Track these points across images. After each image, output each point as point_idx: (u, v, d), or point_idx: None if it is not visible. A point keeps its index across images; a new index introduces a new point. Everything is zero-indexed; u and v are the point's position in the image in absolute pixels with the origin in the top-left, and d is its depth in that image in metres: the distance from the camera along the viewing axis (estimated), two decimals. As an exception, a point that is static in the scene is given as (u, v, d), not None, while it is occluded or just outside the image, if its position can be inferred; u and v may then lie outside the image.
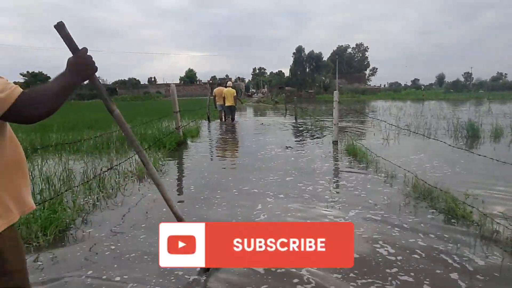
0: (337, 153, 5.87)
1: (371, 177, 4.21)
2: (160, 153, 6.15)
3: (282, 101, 32.38)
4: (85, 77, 1.24)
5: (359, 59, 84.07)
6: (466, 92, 51.23)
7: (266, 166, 5.03)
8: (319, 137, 7.94)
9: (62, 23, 1.25)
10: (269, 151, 6.19)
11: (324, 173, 4.52)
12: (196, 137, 8.59)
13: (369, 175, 4.31)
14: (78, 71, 1.17)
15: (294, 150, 6.29)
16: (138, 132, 8.29)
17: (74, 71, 1.16)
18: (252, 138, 8.11)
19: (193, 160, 5.80)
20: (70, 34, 1.27)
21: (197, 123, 12.27)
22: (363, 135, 7.72)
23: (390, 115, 14.14)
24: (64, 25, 1.26)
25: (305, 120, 12.76)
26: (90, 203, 3.50)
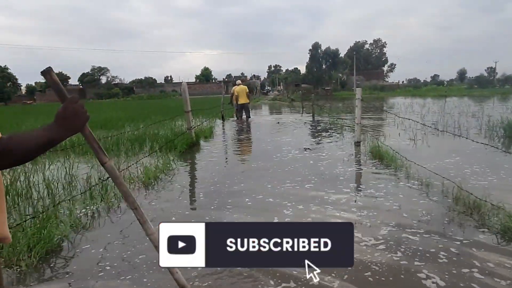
0: (360, 155, 5.38)
1: (402, 185, 3.71)
2: (171, 155, 5.83)
3: (298, 98, 31.83)
4: (75, 130, 1.06)
5: (377, 55, 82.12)
6: (491, 88, 49.09)
7: (282, 170, 4.60)
8: (339, 137, 7.44)
9: (50, 69, 1.09)
10: (285, 153, 5.76)
11: (347, 179, 4.06)
12: (209, 138, 8.25)
13: (400, 182, 3.81)
14: (67, 126, 1.00)
15: (312, 152, 5.83)
16: (150, 133, 8.02)
17: (62, 126, 0.99)
18: (267, 139, 7.69)
19: (205, 163, 5.43)
20: (58, 80, 1.10)
21: (211, 122, 11.96)
22: (387, 135, 7.16)
23: (413, 112, 13.41)
24: (52, 70, 1.10)
25: (323, 118, 12.22)
26: (89, 215, 3.17)
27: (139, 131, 8.41)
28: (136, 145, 6.84)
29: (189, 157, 5.88)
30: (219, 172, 4.72)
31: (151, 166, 4.87)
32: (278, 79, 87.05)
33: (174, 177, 4.49)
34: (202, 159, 5.81)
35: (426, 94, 39.21)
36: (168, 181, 4.26)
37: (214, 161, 5.49)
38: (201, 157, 5.95)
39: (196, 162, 5.50)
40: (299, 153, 5.78)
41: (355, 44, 79.16)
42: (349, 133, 7.94)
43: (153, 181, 4.22)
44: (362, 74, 71.09)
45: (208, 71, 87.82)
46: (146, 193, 3.84)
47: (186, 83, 8.01)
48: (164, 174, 4.61)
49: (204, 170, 4.95)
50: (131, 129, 9.24)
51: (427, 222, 2.73)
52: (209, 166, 5.21)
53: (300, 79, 68.58)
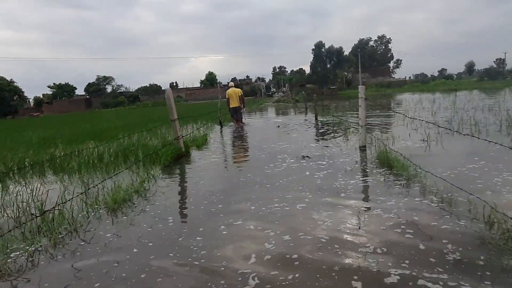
0: (366, 163, 4.66)
1: (418, 203, 2.99)
2: (153, 169, 5.21)
3: (302, 99, 31.17)
4: None
5: (382, 52, 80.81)
6: (502, 79, 47.61)
7: (272, 185, 3.92)
8: (343, 141, 6.72)
9: None
10: (280, 163, 5.08)
11: (349, 195, 3.35)
12: (202, 147, 7.61)
13: (415, 199, 3.09)
14: None
15: (311, 160, 5.13)
16: (140, 143, 7.44)
17: None
18: (263, 145, 7.02)
19: (187, 179, 4.79)
20: None
21: (208, 129, 11.34)
22: (396, 136, 6.42)
23: (423, 109, 12.59)
24: None
25: (326, 119, 11.50)
26: (22, 258, 2.53)
27: (128, 140, 7.84)
28: (121, 157, 6.25)
29: (173, 171, 5.23)
30: (198, 190, 4.06)
31: (124, 185, 4.24)
32: (283, 80, 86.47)
33: (147, 199, 3.83)
34: (186, 173, 5.16)
35: (434, 88, 38.13)
36: (137, 206, 3.61)
37: (198, 176, 4.83)
38: (185, 171, 5.30)
39: (177, 178, 4.84)
40: (295, 162, 5.09)
41: (359, 41, 78.03)
42: (354, 136, 7.22)
43: (121, 206, 3.58)
44: (368, 71, 69.96)
45: (213, 75, 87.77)
46: (110, 223, 3.19)
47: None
48: (137, 195, 3.97)
49: (183, 187, 4.30)
50: (124, 139, 8.68)
51: (455, 264, 2.01)
52: (191, 182, 4.56)
53: (305, 80, 67.78)
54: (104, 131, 12.39)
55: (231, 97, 11.52)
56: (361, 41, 78.26)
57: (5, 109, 60.29)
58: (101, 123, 17.79)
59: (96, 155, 6.51)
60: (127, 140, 8.30)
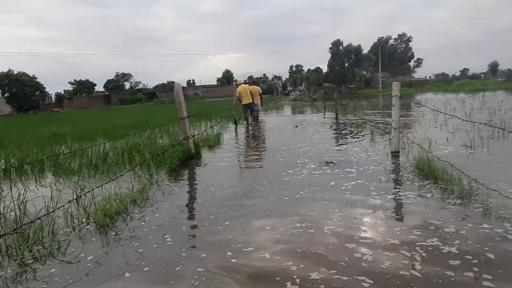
0: (402, 172, 3.95)
1: (488, 231, 2.29)
2: (156, 173, 4.66)
3: (320, 98, 30.31)
4: None
5: (402, 50, 78.41)
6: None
7: (291, 198, 3.28)
8: (370, 144, 6.01)
9: None
10: (299, 169, 4.42)
11: (390, 217, 2.67)
12: (214, 147, 7.03)
13: (483, 226, 2.38)
14: None
15: (336, 166, 4.45)
16: (149, 142, 6.95)
17: None
18: (282, 147, 6.37)
19: (193, 186, 4.19)
20: None
21: (223, 127, 10.79)
22: (432, 140, 5.65)
23: (453, 110, 11.64)
24: None
25: (348, 120, 10.73)
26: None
27: (137, 138, 7.36)
28: (127, 157, 5.76)
29: (179, 176, 4.66)
30: (203, 203, 3.46)
31: (123, 191, 3.70)
32: (299, 79, 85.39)
33: (144, 212, 3.26)
34: (193, 179, 4.58)
35: (459, 88, 36.45)
36: (131, 220, 3.04)
37: (206, 183, 4.24)
38: (192, 177, 4.72)
39: (182, 185, 4.24)
40: (318, 168, 4.43)
41: (379, 40, 75.91)
42: (381, 138, 6.48)
43: (113, 219, 3.02)
44: (388, 70, 67.96)
45: (230, 73, 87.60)
46: (88, 247, 2.63)
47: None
48: (135, 204, 3.41)
49: (186, 199, 3.70)
50: (134, 137, 8.23)
51: None
52: (196, 191, 3.97)
53: (322, 78, 66.46)
54: (116, 128, 12.04)
55: (241, 94, 11.22)
56: (381, 39, 76.16)
57: (27, 104, 61.71)
58: (116, 119, 17.56)
59: (101, 154, 6.05)
60: (136, 138, 7.85)
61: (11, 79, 60.26)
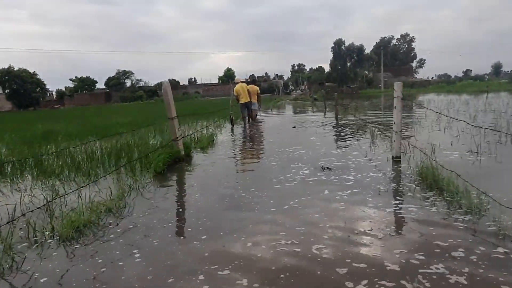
0: (404, 181, 3.63)
1: (503, 256, 1.96)
2: (140, 177, 4.36)
3: (321, 98, 29.99)
4: None
5: (405, 51, 77.94)
6: (536, 82, 44.62)
7: (278, 209, 2.97)
8: (370, 148, 5.69)
9: None
10: (293, 175, 4.10)
11: (388, 241, 2.35)
12: (207, 148, 6.72)
13: (495, 249, 2.06)
14: None
15: (332, 172, 4.13)
16: (140, 142, 6.66)
17: None
18: (276, 149, 6.06)
19: (175, 194, 3.87)
20: None
21: (218, 127, 10.48)
22: (435, 144, 5.32)
23: (457, 112, 11.29)
24: None
25: (348, 121, 10.40)
26: None
27: (130, 137, 7.06)
28: (113, 158, 5.46)
29: (164, 181, 4.35)
30: (183, 213, 3.15)
31: (99, 197, 3.40)
32: (301, 78, 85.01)
33: (118, 224, 2.95)
34: (179, 184, 4.27)
35: (462, 90, 36.01)
36: (102, 235, 2.73)
37: (191, 190, 3.93)
38: (178, 182, 4.42)
39: (165, 192, 3.90)
40: (312, 174, 4.11)
41: (381, 40, 75.43)
42: (383, 142, 6.16)
43: (81, 232, 2.72)
44: (390, 70, 67.52)
45: (231, 72, 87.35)
46: (45, 265, 2.33)
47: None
48: (109, 214, 3.11)
49: (165, 209, 3.38)
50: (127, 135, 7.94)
51: None
52: (178, 200, 3.66)
53: (324, 78, 66.02)
54: (111, 126, 11.76)
55: (239, 93, 11.06)
56: (383, 39, 75.71)
57: (27, 100, 61.54)
58: (113, 117, 17.26)
59: (88, 154, 5.75)
60: (128, 137, 7.56)
61: (11, 76, 60.04)
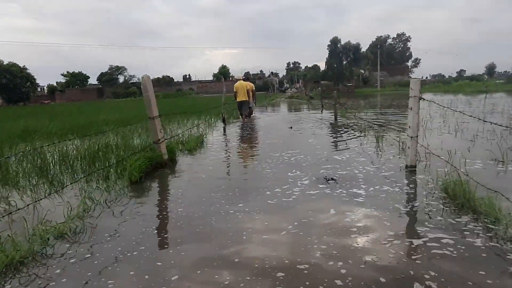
0: (426, 198, 3.01)
1: None
2: (111, 187, 3.70)
3: (317, 96, 29.40)
4: None
5: (401, 50, 77.71)
6: (532, 82, 44.51)
7: (272, 241, 2.33)
8: (377, 153, 5.07)
9: None
10: (290, 188, 3.45)
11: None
12: (195, 151, 6.06)
13: None
14: None
15: (338, 185, 3.50)
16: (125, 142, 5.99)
17: None
18: (271, 153, 5.41)
19: (148, 211, 3.18)
20: None
21: (210, 126, 9.81)
22: (450, 151, 4.72)
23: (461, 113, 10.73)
24: None
25: (348, 121, 9.79)
26: None
27: (112, 136, 6.36)
28: (86, 162, 4.80)
29: (138, 193, 3.68)
30: (155, 234, 2.49)
31: (55, 215, 2.74)
32: (297, 76, 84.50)
33: (70, 252, 2.29)
34: (156, 196, 3.60)
35: (459, 89, 35.69)
36: (46, 269, 2.07)
37: (169, 203, 3.27)
38: (156, 192, 3.74)
39: (140, 205, 3.24)
40: (314, 186, 3.47)
41: (377, 39, 75.06)
42: (389, 146, 5.55)
43: (21, 263, 2.05)
44: (386, 69, 67.23)
45: (226, 69, 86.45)
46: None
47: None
48: (60, 241, 2.44)
49: (136, 227, 2.72)
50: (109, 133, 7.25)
51: None
52: (155, 215, 2.99)
53: (320, 76, 65.47)
54: (96, 123, 11.03)
55: (238, 90, 10.93)
56: (379, 38, 75.38)
57: (16, 95, 60.06)
58: (101, 114, 16.47)
59: (59, 156, 5.08)
60: (110, 136, 6.89)
61: (0, 70, 58.49)
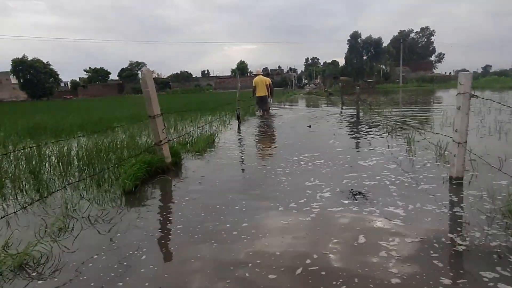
0: (487, 225, 2.34)
1: None
2: (105, 195, 3.22)
3: (336, 92, 28.44)
4: None
5: (423, 45, 74.67)
6: None
7: (283, 284, 1.75)
8: (409, 159, 4.39)
9: None
10: (308, 202, 2.84)
11: None
12: (203, 153, 5.53)
13: None
14: None
15: (367, 201, 2.88)
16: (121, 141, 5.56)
17: None
18: (288, 156, 4.82)
19: (137, 235, 2.67)
20: None
21: (223, 124, 9.28)
22: (500, 156, 3.98)
23: (504, 111, 9.77)
24: None
25: (372, 119, 9.03)
26: None
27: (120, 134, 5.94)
28: (85, 163, 4.37)
29: (132, 206, 3.17)
30: (141, 265, 1.97)
31: (28, 234, 2.27)
32: (315, 72, 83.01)
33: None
34: (152, 213, 3.07)
35: (488, 85, 33.72)
36: None
37: (165, 222, 2.74)
38: (152, 208, 3.22)
39: (128, 226, 2.71)
40: (337, 201, 2.85)
41: (400, 33, 72.40)
42: (423, 150, 4.83)
43: None
44: (408, 65, 64.83)
45: (244, 64, 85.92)
46: None
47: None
48: (21, 273, 1.96)
49: (117, 262, 2.20)
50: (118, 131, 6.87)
51: None
52: (146, 241, 2.47)
53: (339, 72, 63.85)
54: (109, 120, 10.72)
55: (258, 85, 10.77)
56: (402, 32, 72.70)
57: (40, 91, 61.61)
58: (117, 109, 16.29)
59: (57, 157, 4.67)
60: (118, 134, 6.50)
61: (25, 65, 60.07)
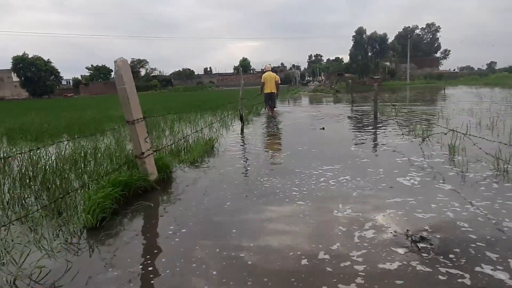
0: None
1: None
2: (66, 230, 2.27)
3: (342, 89, 27.46)
4: None
5: (429, 41, 73.13)
6: None
7: None
8: (461, 175, 3.41)
9: None
10: (344, 251, 1.90)
11: None
12: (200, 162, 4.59)
13: None
14: None
15: (442, 257, 1.91)
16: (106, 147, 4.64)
17: None
18: (301, 169, 3.85)
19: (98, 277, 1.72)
20: None
21: (224, 125, 8.32)
22: None
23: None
24: None
25: (391, 119, 8.03)
26: None
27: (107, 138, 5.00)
28: (52, 179, 3.44)
29: (95, 245, 2.22)
30: None
31: None
32: (318, 69, 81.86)
33: None
34: (118, 264, 2.10)
35: (499, 82, 32.53)
36: None
37: (133, 272, 1.78)
38: (120, 255, 2.26)
39: (84, 269, 1.76)
40: (388, 251, 1.89)
41: (404, 29, 70.92)
42: (476, 162, 3.84)
43: None
44: (413, 61, 63.51)
45: (247, 61, 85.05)
46: None
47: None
48: None
49: None
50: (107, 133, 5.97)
51: None
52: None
53: (343, 69, 62.65)
54: (100, 120, 9.80)
55: (267, 81, 10.29)
56: (406, 29, 71.21)
57: (40, 89, 60.84)
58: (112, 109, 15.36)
59: (19, 171, 3.74)
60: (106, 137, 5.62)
61: (25, 63, 59.23)
